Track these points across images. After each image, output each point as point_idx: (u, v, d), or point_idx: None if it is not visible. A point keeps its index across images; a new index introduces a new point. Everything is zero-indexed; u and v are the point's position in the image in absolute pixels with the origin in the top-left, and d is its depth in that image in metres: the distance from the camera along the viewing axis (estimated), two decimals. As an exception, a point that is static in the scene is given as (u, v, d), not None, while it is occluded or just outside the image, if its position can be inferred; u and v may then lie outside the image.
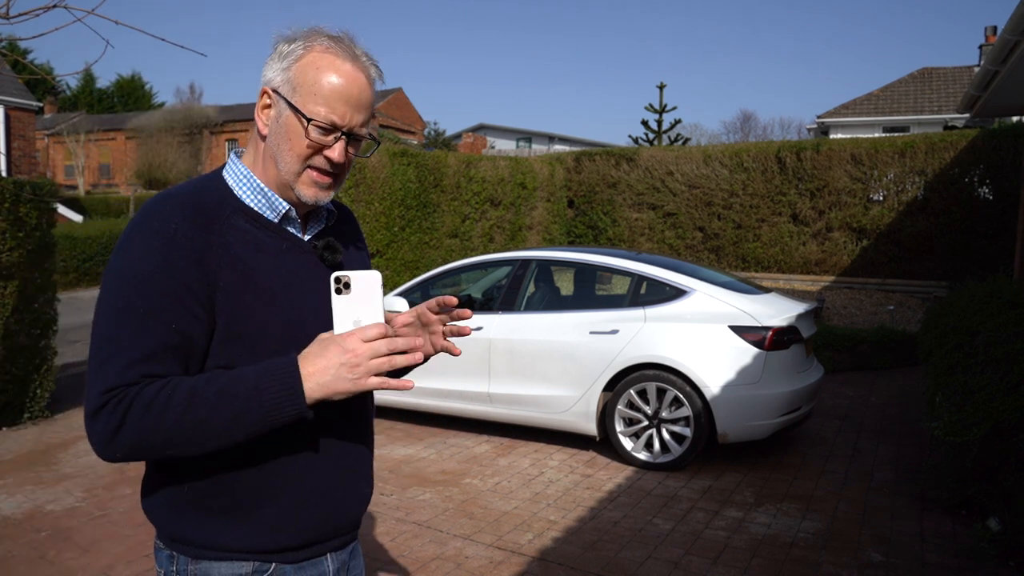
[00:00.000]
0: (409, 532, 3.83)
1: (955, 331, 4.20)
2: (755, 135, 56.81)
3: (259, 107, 1.29)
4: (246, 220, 1.27)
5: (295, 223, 1.33)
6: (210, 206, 1.24)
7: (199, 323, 1.19)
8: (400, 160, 9.68)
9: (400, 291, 5.91)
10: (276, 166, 1.27)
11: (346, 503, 1.34)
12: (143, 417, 1.12)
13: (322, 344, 1.18)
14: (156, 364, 1.16)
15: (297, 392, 1.15)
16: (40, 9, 2.44)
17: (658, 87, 21.65)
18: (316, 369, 1.16)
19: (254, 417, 1.15)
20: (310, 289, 1.31)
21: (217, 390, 1.14)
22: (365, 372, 1.16)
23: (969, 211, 10.40)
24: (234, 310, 1.21)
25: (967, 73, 22.87)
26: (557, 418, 5.15)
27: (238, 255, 1.23)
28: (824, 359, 7.52)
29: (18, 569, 3.38)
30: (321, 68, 1.23)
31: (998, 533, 3.56)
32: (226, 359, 1.21)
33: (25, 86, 17.25)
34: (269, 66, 1.28)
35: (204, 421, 1.13)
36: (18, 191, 5.40)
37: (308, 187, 1.28)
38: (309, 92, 1.23)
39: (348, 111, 1.25)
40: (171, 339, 1.16)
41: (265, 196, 1.29)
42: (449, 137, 36.16)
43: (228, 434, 1.15)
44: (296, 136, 1.24)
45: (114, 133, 38.31)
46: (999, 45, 6.03)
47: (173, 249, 1.17)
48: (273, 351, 1.21)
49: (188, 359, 1.19)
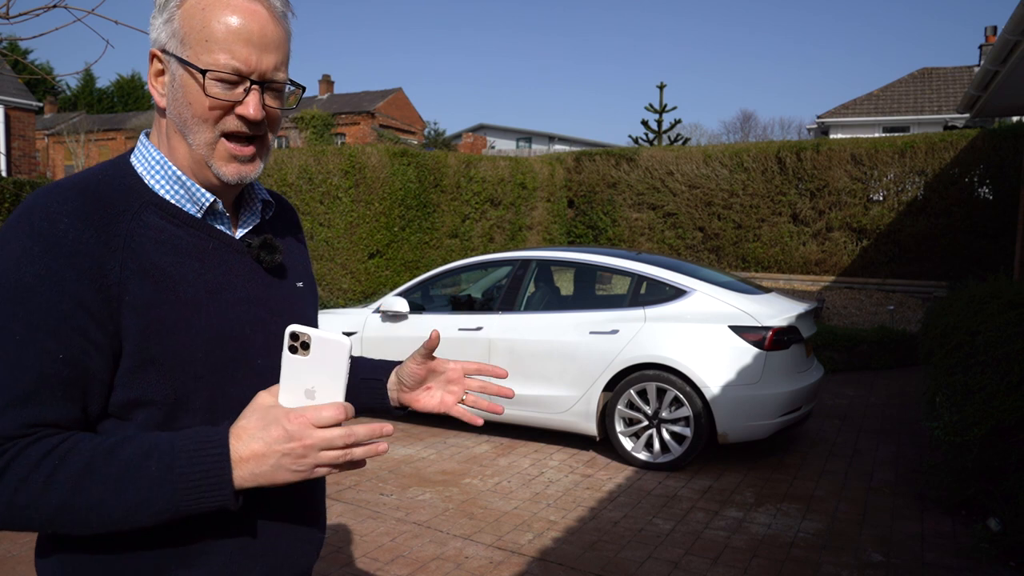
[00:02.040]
0: (409, 532, 3.83)
1: (955, 331, 4.20)
2: (755, 135, 56.86)
3: (151, 75, 1.04)
4: (160, 216, 1.02)
5: (222, 218, 1.09)
6: (113, 199, 0.99)
7: (97, 350, 0.93)
8: (400, 160, 9.68)
9: (400, 291, 5.91)
10: (185, 142, 1.03)
11: (293, 554, 1.11)
12: (18, 491, 0.88)
13: (262, 419, 0.93)
14: (40, 407, 0.90)
15: (223, 480, 0.91)
16: (40, 9, 2.44)
17: (658, 87, 21.67)
18: (251, 454, 0.91)
19: (164, 504, 0.91)
20: (243, 298, 1.07)
21: (120, 467, 0.90)
22: (312, 465, 0.93)
23: (969, 211, 10.39)
24: (147, 329, 0.96)
25: (967, 73, 22.87)
26: (557, 418, 5.15)
27: (151, 260, 0.98)
28: (824, 359, 7.53)
29: (18, 569, 3.38)
30: (208, 8, 0.99)
31: (998, 533, 3.56)
32: (137, 391, 0.97)
33: (25, 86, 17.26)
34: (152, 24, 1.04)
35: (99, 505, 0.89)
36: (18, 191, 5.40)
37: (226, 163, 1.04)
38: (200, 40, 0.99)
39: (252, 53, 1.00)
40: (58, 372, 0.91)
41: (183, 185, 1.05)
42: (449, 137, 36.15)
43: (128, 520, 0.91)
44: (195, 96, 1.00)
45: (114, 133, 38.32)
46: (999, 45, 6.03)
47: (60, 255, 0.91)
48: (198, 377, 1.00)
49: (85, 396, 0.94)
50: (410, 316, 5.69)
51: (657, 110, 21.88)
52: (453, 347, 5.45)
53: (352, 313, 5.97)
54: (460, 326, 5.49)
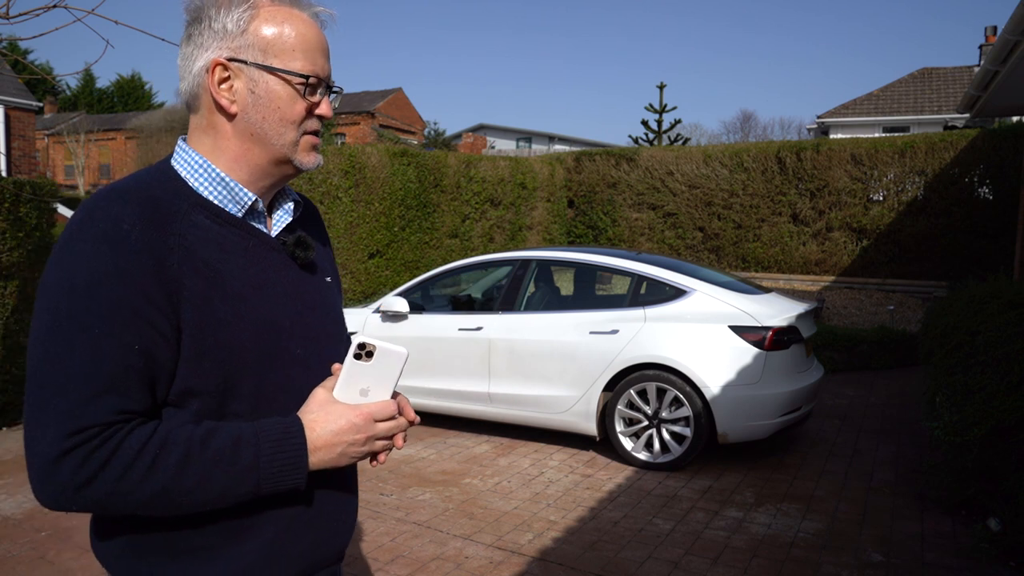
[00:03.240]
0: (409, 532, 3.83)
1: (955, 331, 4.20)
2: (755, 135, 56.87)
3: (212, 84, 1.09)
4: (206, 215, 1.09)
5: (261, 217, 1.18)
6: (165, 201, 1.06)
7: (164, 341, 1.01)
8: (400, 160, 9.68)
9: (400, 291, 5.91)
10: (263, 143, 1.12)
11: (333, 532, 1.21)
12: (123, 478, 0.96)
13: (328, 414, 1.08)
14: (124, 396, 0.98)
15: (301, 467, 1.06)
16: (40, 9, 2.44)
17: (658, 87, 21.67)
18: (323, 443, 1.07)
19: (248, 488, 1.03)
20: (282, 292, 1.15)
21: (214, 456, 1.00)
22: (368, 451, 1.12)
23: (969, 211, 10.39)
24: (202, 321, 1.04)
25: (967, 73, 22.87)
26: (557, 418, 5.15)
27: (201, 257, 1.06)
28: (824, 359, 7.52)
29: (18, 569, 3.38)
30: (283, 21, 1.10)
31: (998, 533, 3.56)
32: (195, 380, 1.04)
33: (25, 86, 17.26)
34: (203, 36, 1.10)
35: (192, 491, 1.00)
36: (18, 191, 5.40)
37: (307, 154, 1.15)
38: (284, 50, 1.09)
39: (323, 61, 1.14)
40: (135, 362, 0.98)
41: (227, 187, 1.12)
42: (449, 137, 36.13)
43: (216, 503, 1.03)
44: (286, 101, 1.10)
45: (114, 133, 38.32)
46: (999, 45, 6.03)
47: (127, 254, 0.99)
48: (245, 365, 1.08)
49: (155, 384, 1.02)
50: (410, 316, 5.69)
51: (657, 110, 21.88)
52: (453, 347, 5.44)
53: (352, 313, 5.96)
54: (460, 326, 5.49)
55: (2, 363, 5.43)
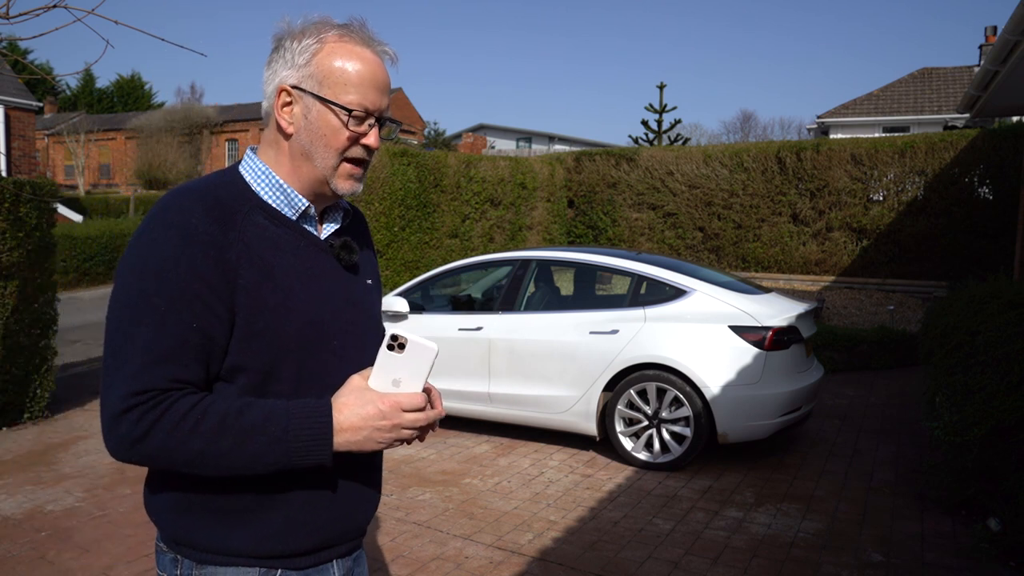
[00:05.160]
0: (409, 532, 3.83)
1: (955, 331, 4.20)
2: (755, 135, 56.88)
3: (278, 106, 1.25)
4: (264, 216, 1.24)
5: (312, 221, 1.31)
6: (229, 201, 1.22)
7: (220, 322, 1.15)
8: (400, 160, 9.68)
9: (400, 291, 5.91)
10: (310, 163, 1.25)
11: (355, 507, 1.33)
12: (170, 435, 1.11)
13: (359, 399, 1.18)
14: (179, 366, 1.13)
15: (326, 443, 1.16)
16: (40, 9, 2.44)
17: (658, 87, 21.68)
18: (350, 425, 1.16)
19: (277, 457, 1.15)
20: (327, 289, 1.29)
21: (247, 425, 1.13)
22: (393, 439, 1.19)
23: (969, 211, 10.39)
24: (253, 307, 1.18)
25: (967, 73, 22.87)
26: (557, 418, 5.15)
27: (257, 252, 1.20)
28: (824, 359, 7.52)
29: (18, 569, 3.38)
30: (343, 57, 1.23)
31: (998, 533, 3.56)
32: (244, 359, 1.18)
33: (25, 86, 17.26)
34: (278, 64, 1.25)
35: (227, 454, 1.12)
36: (18, 191, 5.39)
37: (344, 180, 1.27)
38: (338, 83, 1.22)
39: (377, 96, 1.25)
40: (193, 338, 1.13)
41: (284, 193, 1.27)
42: (449, 137, 36.15)
43: (248, 468, 1.15)
44: (332, 130, 1.23)
45: (114, 133, 38.34)
46: (999, 45, 6.03)
47: (193, 244, 1.14)
48: (288, 351, 1.21)
49: (209, 359, 1.16)
50: (410, 316, 5.68)
51: (657, 110, 21.88)
52: (453, 347, 5.44)
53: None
54: (460, 326, 5.49)
55: (2, 363, 5.43)
